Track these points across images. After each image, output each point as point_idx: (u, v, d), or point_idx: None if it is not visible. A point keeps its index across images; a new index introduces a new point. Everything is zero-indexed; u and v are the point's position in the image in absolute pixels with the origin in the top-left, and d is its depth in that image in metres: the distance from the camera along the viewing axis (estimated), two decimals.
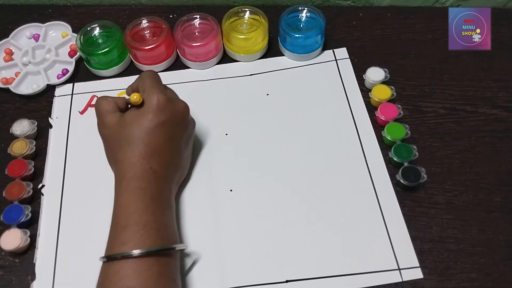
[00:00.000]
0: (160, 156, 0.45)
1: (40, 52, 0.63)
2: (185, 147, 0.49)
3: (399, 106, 0.55)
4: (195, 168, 0.53)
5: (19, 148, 0.53)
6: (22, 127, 0.55)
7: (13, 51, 0.64)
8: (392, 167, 0.52)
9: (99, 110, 0.46)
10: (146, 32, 0.62)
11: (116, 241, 0.40)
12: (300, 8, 0.61)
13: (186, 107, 0.48)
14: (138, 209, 0.41)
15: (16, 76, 0.60)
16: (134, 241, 0.40)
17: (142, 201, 0.42)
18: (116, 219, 0.42)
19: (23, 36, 0.65)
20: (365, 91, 0.58)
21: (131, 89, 0.49)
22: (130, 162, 0.43)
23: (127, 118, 0.45)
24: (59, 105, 0.59)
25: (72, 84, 0.61)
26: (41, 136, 0.57)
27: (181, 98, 0.49)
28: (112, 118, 0.45)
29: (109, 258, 0.39)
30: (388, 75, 0.57)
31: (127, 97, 0.47)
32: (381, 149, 0.53)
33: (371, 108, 0.57)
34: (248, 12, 0.61)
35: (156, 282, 0.39)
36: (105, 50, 0.59)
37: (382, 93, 0.56)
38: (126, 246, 0.39)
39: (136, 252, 0.39)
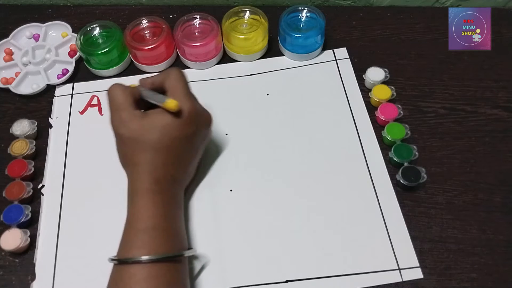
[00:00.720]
0: (180, 165, 0.45)
1: (40, 52, 0.63)
2: (201, 155, 0.50)
3: (399, 106, 0.55)
4: None
5: (19, 148, 0.53)
6: (22, 127, 0.55)
7: (13, 51, 0.64)
8: (392, 167, 0.52)
9: (116, 102, 0.44)
10: (146, 32, 0.62)
11: (134, 244, 0.40)
12: (300, 8, 0.61)
13: (211, 119, 0.48)
14: (157, 214, 0.41)
15: (16, 76, 0.60)
16: (152, 245, 0.40)
17: (162, 206, 0.42)
18: (134, 221, 0.41)
19: (23, 36, 0.65)
20: (365, 91, 0.58)
21: (151, 83, 0.46)
22: (153, 166, 0.43)
23: (154, 122, 0.43)
24: (59, 105, 0.59)
25: (72, 84, 0.61)
26: (41, 136, 0.57)
27: None
28: (133, 117, 0.43)
29: (126, 261, 0.39)
30: (388, 75, 0.57)
31: (142, 88, 0.46)
32: (381, 149, 0.53)
33: (371, 108, 0.57)
34: (248, 12, 0.61)
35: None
36: (105, 50, 0.59)
37: (382, 93, 0.56)
38: (144, 249, 0.39)
39: (155, 257, 0.39)
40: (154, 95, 0.45)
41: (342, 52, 0.62)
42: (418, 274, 0.46)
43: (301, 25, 0.61)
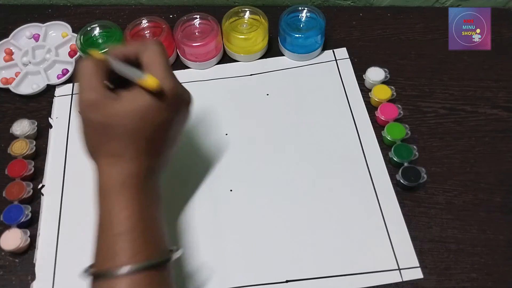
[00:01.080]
0: (158, 153, 0.40)
1: (40, 52, 0.63)
2: (179, 139, 0.43)
3: (399, 106, 0.55)
4: (195, 168, 0.53)
5: (19, 148, 0.53)
6: (22, 127, 0.55)
7: (13, 51, 0.64)
8: (392, 167, 0.52)
9: (86, 80, 0.37)
10: (146, 32, 0.62)
11: (111, 252, 0.35)
12: (300, 8, 0.61)
13: (191, 98, 0.42)
14: (134, 214, 0.36)
15: (16, 76, 0.60)
16: (132, 251, 0.35)
17: (139, 204, 0.37)
18: (108, 225, 0.36)
19: (23, 36, 0.65)
20: (365, 91, 0.58)
21: (123, 54, 0.39)
22: (128, 157, 0.37)
23: (131, 105, 0.36)
24: (59, 105, 0.59)
25: (72, 84, 0.61)
26: (41, 136, 0.57)
27: None
28: (106, 100, 0.36)
29: (104, 275, 0.34)
30: (388, 75, 0.57)
31: (112, 59, 0.38)
32: (381, 149, 0.53)
33: (371, 108, 0.57)
34: (248, 12, 0.61)
35: None
36: (105, 50, 0.59)
37: (382, 93, 0.56)
38: (123, 258, 0.34)
39: (135, 266, 0.34)
40: (129, 69, 0.38)
41: (342, 52, 0.62)
42: (418, 274, 0.46)
43: (301, 25, 0.61)
